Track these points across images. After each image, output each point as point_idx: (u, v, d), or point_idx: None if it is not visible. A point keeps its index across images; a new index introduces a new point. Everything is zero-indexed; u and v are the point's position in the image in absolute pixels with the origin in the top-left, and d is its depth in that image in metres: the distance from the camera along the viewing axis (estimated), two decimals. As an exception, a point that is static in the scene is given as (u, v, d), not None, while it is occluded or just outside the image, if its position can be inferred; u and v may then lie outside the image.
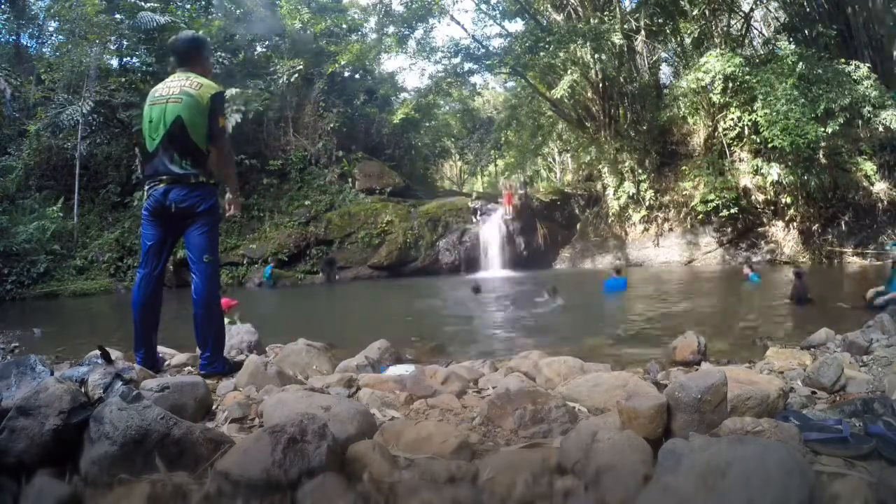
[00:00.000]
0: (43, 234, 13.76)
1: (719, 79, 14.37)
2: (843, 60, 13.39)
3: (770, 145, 13.54)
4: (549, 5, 18.85)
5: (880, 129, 13.36)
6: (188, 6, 19.83)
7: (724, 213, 15.15)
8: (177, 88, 2.89)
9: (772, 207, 15.49)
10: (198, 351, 3.08)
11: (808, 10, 15.94)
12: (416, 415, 2.11)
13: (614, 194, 17.46)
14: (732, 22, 16.73)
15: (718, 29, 16.39)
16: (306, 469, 1.28)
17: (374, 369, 3.18)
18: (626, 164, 17.16)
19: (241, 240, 16.55)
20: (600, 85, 17.67)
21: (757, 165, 14.97)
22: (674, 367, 3.18)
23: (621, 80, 17.49)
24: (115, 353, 3.08)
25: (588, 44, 15.53)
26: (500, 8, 19.96)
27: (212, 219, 2.98)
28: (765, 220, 15.67)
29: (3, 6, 18.56)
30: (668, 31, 17.81)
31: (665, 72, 20.21)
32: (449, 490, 1.26)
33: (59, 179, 16.31)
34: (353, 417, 1.74)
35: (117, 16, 16.79)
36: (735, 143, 15.83)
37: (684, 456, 1.22)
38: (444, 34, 57.52)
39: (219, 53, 17.72)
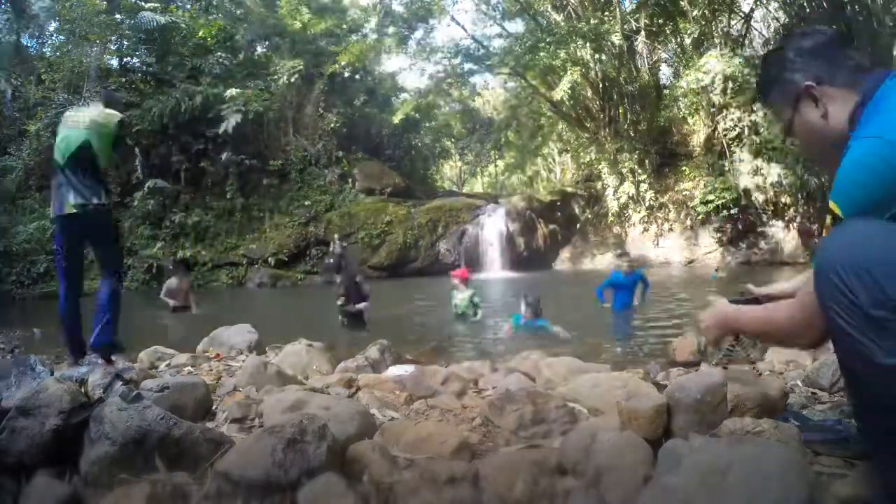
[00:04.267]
0: (43, 234, 13.76)
1: (719, 79, 14.35)
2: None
3: (770, 146, 13.52)
4: (549, 5, 18.85)
5: (880, 129, 13.35)
6: (188, 6, 19.84)
7: (724, 213, 15.15)
8: (87, 119, 3.36)
9: (772, 207, 15.49)
10: (198, 350, 3.12)
11: (808, 10, 15.94)
12: (416, 415, 2.10)
13: (614, 194, 17.46)
14: (732, 22, 16.74)
15: (718, 29, 16.39)
16: (306, 469, 1.28)
17: (374, 370, 3.18)
18: (626, 164, 17.15)
19: (241, 240, 16.55)
20: (600, 85, 17.67)
21: (757, 165, 14.96)
22: (674, 368, 3.18)
23: (621, 80, 17.49)
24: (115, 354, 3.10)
25: (588, 44, 15.54)
26: (501, 8, 19.98)
27: (112, 234, 3.50)
28: (765, 219, 15.67)
29: (3, 6, 18.55)
30: (668, 31, 17.81)
31: (665, 72, 20.23)
32: (449, 490, 1.26)
33: (60, 179, 16.31)
34: (353, 417, 1.74)
35: (117, 16, 16.80)
36: (735, 143, 15.82)
37: (684, 456, 1.22)
38: (444, 35, 57.56)
39: (219, 54, 17.74)
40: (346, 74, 20.48)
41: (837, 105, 1.24)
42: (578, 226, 18.39)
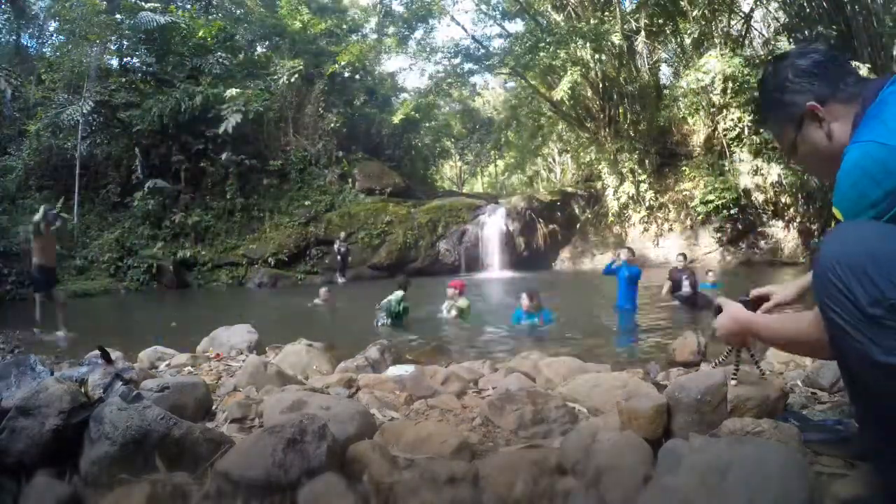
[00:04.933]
0: (43, 235, 13.73)
1: (719, 79, 14.35)
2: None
3: (770, 145, 13.53)
4: (549, 5, 18.87)
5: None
6: (188, 6, 19.84)
7: (724, 213, 15.15)
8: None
9: (772, 207, 15.49)
10: (198, 350, 3.10)
11: (808, 10, 15.94)
12: (416, 415, 2.10)
13: (614, 194, 17.47)
14: (732, 22, 16.74)
15: (718, 29, 16.40)
16: (306, 469, 1.28)
17: (374, 370, 3.18)
18: (626, 164, 17.17)
19: (241, 240, 16.54)
20: (600, 85, 17.68)
21: (757, 165, 14.96)
22: (674, 368, 3.18)
23: (621, 80, 17.51)
24: (115, 353, 3.10)
25: (588, 44, 15.54)
26: (500, 8, 19.99)
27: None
28: (765, 219, 15.67)
29: (3, 6, 18.55)
30: (668, 31, 17.83)
31: (665, 72, 20.25)
32: (449, 490, 1.26)
33: (59, 179, 16.30)
34: (352, 417, 1.74)
35: (117, 16, 16.80)
36: (735, 143, 15.83)
37: (684, 456, 1.22)
38: (444, 35, 57.60)
39: (219, 54, 17.74)
40: (346, 74, 20.51)
41: (840, 121, 1.24)
42: (578, 226, 18.40)
